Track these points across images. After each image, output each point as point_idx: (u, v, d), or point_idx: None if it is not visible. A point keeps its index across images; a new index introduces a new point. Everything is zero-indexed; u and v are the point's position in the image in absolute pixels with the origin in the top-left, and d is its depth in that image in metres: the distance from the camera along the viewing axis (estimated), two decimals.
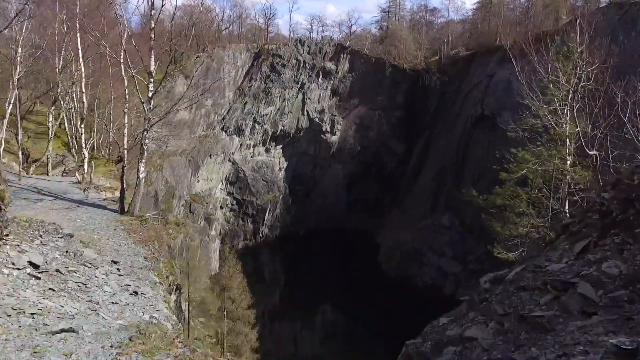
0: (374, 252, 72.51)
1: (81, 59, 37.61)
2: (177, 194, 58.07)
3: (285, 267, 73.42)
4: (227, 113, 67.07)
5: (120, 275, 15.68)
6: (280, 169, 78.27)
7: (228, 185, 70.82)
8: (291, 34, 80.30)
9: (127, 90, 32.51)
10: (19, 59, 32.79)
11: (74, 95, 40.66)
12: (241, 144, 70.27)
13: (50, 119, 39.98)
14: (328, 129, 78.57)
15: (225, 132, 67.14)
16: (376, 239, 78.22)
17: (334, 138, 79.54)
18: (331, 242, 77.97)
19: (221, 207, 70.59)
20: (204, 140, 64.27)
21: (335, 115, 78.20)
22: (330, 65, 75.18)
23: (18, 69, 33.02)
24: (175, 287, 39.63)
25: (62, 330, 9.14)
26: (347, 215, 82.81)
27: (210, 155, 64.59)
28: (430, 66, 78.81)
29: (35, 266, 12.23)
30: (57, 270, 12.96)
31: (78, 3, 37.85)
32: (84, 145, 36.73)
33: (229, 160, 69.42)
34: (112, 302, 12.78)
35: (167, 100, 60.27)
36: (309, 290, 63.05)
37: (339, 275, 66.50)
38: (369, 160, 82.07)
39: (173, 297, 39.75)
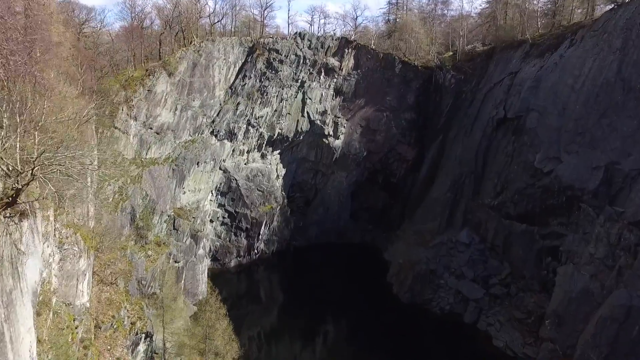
0: (382, 271, 65.97)
1: None
2: (158, 209, 51.51)
3: (283, 286, 66.93)
4: (218, 115, 60.51)
5: None
6: (277, 177, 71.68)
7: (219, 197, 64.24)
8: (290, 26, 73.71)
9: None
10: None
11: None
12: (233, 150, 63.66)
13: None
14: (331, 133, 72.02)
15: (216, 136, 60.54)
16: (384, 254, 71.75)
17: (338, 142, 72.98)
18: (334, 258, 71.73)
19: (211, 221, 63.98)
20: (190, 146, 57.72)
21: (338, 117, 71.65)
22: (333, 61, 68.59)
23: None
24: (144, 335, 33.21)
25: None
26: (352, 228, 76.31)
27: (198, 163, 58.00)
28: (445, 63, 72.21)
29: None
30: None
31: None
32: None
33: (220, 169, 62.80)
34: None
35: (147, 101, 53.73)
36: (309, 313, 56.97)
37: (343, 297, 60.13)
38: (376, 167, 75.60)
39: (142, 347, 33.35)
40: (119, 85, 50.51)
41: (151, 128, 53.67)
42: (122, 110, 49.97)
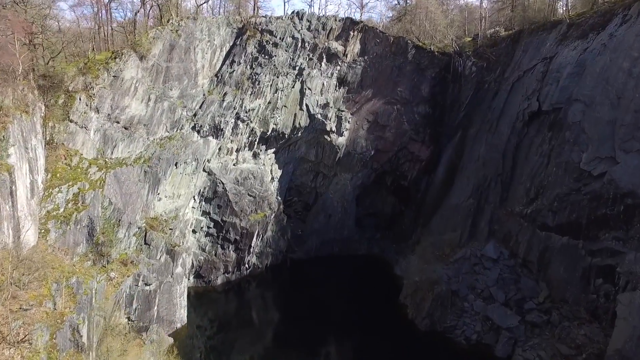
0: (393, 289, 57.74)
1: None
2: (125, 220, 42.99)
3: (279, 306, 58.61)
4: (200, 107, 51.99)
5: None
6: (272, 179, 63.15)
7: (203, 203, 55.69)
8: (286, 5, 64.88)
9: None
10: None
11: None
12: (220, 149, 55.08)
13: None
14: (333, 129, 63.50)
15: (198, 132, 52.00)
16: (395, 269, 63.37)
17: (341, 140, 64.46)
18: (337, 273, 63.90)
19: (194, 232, 55.44)
20: (167, 143, 49.18)
21: (342, 111, 63.13)
22: (336, 45, 60.02)
23: None
24: None
25: None
26: (357, 238, 67.99)
27: (176, 164, 49.47)
28: (464, 48, 63.64)
29: None
30: None
31: None
32: None
33: (204, 170, 54.26)
34: None
35: (112, 90, 45.07)
36: (308, 338, 48.91)
37: (348, 320, 52.30)
38: (385, 168, 67.24)
39: None
40: (77, 69, 41.90)
41: (118, 122, 45.11)
42: (80, 99, 41.45)
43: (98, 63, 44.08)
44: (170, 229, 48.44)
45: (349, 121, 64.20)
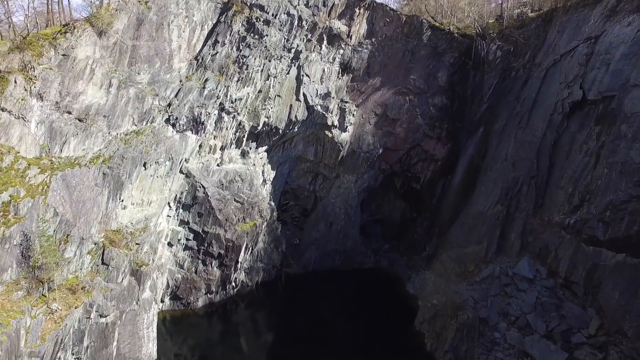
0: (406, 311, 49.82)
1: None
2: (76, 235, 34.50)
3: (272, 329, 50.54)
4: (176, 96, 43.55)
5: None
6: (263, 182, 54.65)
7: (180, 211, 47.17)
8: None
9: None
10: None
11: None
12: (200, 146, 46.56)
13: None
14: (335, 123, 55.05)
15: (173, 126, 43.54)
16: (407, 286, 54.88)
17: (344, 136, 56.01)
18: (340, 290, 55.57)
19: (170, 245, 46.93)
20: (134, 139, 40.67)
21: (346, 102, 54.68)
22: (339, 25, 51.56)
23: None
24: None
25: None
26: (363, 249, 59.63)
27: (145, 165, 40.97)
28: (488, 29, 55.21)
29: None
30: None
31: None
32: None
33: (181, 172, 45.76)
34: None
35: (61, 71, 36.56)
36: None
37: (353, 348, 43.78)
38: (394, 169, 58.86)
39: None
40: (11, 44, 33.36)
41: (69, 112, 36.68)
42: (16, 82, 32.95)
43: (42, 38, 35.58)
44: (137, 243, 39.92)
45: (353, 114, 55.72)
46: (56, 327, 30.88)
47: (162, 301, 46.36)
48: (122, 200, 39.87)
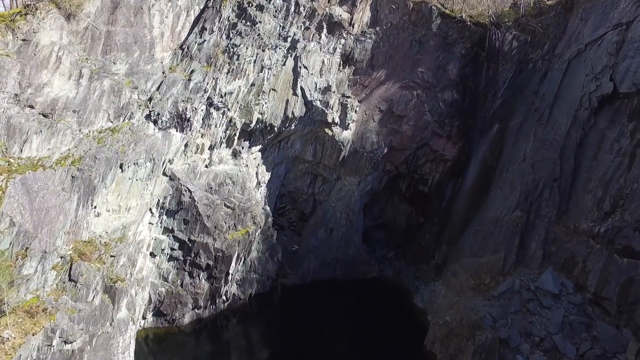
0: (414, 326, 45.50)
1: None
2: (37, 248, 29.93)
3: (267, 345, 45.98)
4: (158, 89, 38.96)
5: None
6: (257, 185, 50.10)
7: (164, 217, 42.48)
8: None
9: None
10: None
11: None
12: (186, 145, 41.90)
13: None
14: (336, 120, 50.54)
15: (155, 123, 38.91)
16: (414, 298, 50.49)
17: (346, 134, 51.51)
18: (341, 302, 51.11)
19: (152, 255, 42.25)
20: (109, 138, 36.03)
21: (348, 97, 50.15)
22: (340, 12, 47.01)
23: None
24: None
25: None
26: (366, 258, 55.20)
27: (122, 166, 36.32)
28: (503, 18, 50.72)
29: None
30: None
31: None
32: None
33: (164, 174, 41.10)
34: None
35: (22, 59, 31.94)
36: None
37: None
38: (400, 170, 54.45)
39: None
40: None
41: (32, 106, 32.03)
42: None
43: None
44: (112, 255, 35.26)
45: (356, 110, 51.13)
46: (7, 359, 26.21)
47: (143, 318, 41.68)
48: (95, 207, 35.18)
